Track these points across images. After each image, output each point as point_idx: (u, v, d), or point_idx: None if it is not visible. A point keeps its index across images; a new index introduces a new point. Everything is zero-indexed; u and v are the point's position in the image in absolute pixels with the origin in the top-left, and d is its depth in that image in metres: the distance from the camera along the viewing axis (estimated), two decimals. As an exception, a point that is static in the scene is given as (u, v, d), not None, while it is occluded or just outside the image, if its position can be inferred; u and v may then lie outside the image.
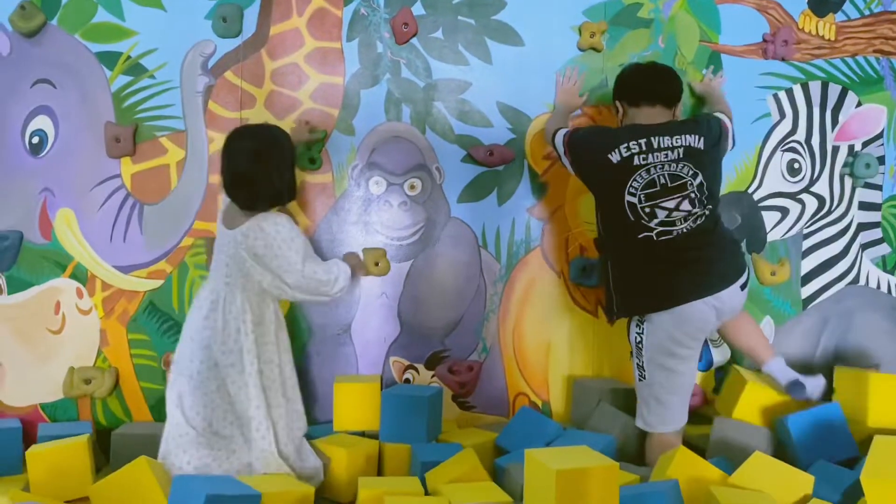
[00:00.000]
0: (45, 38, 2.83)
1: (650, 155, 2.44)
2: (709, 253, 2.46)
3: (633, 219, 2.45)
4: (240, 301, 2.44)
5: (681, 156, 2.44)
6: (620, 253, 2.57)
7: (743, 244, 3.03)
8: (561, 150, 2.62)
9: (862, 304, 3.13)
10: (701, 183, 2.45)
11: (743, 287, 2.53)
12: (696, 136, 2.48)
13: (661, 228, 2.44)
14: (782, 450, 2.52)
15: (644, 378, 2.51)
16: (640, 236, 2.46)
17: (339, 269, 2.58)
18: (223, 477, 2.24)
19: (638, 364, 2.53)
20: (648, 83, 2.60)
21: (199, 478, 2.20)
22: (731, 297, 2.48)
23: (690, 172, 2.44)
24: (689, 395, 2.55)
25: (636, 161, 2.44)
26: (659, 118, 2.55)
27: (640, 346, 2.50)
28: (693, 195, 2.44)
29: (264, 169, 2.45)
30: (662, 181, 2.43)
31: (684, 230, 2.44)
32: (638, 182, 2.44)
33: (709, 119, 2.61)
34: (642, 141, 2.45)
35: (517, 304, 2.98)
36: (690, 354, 2.48)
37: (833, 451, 2.45)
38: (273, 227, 2.42)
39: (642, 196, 2.44)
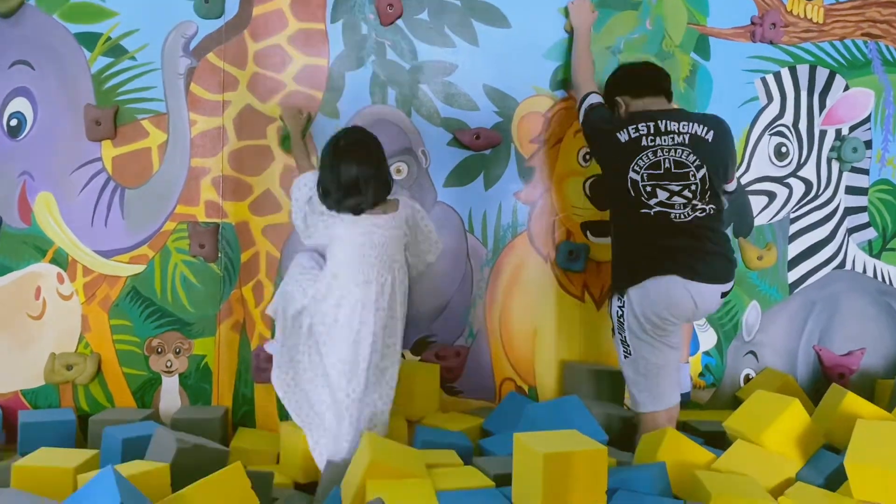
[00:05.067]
0: (23, 19, 2.78)
1: (658, 138, 2.45)
2: (703, 246, 2.42)
3: (633, 195, 2.45)
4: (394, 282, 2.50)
5: (686, 142, 2.43)
6: (620, 229, 2.57)
7: (730, 228, 3.04)
8: (581, 118, 2.66)
9: (848, 288, 3.14)
10: (704, 177, 2.42)
11: (723, 295, 2.48)
12: (705, 128, 2.46)
13: (659, 209, 2.42)
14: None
15: (630, 354, 2.50)
16: (640, 211, 2.45)
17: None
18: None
19: (621, 339, 2.51)
20: (649, 74, 2.63)
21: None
22: (711, 297, 2.44)
23: (695, 163, 2.42)
24: (676, 373, 2.53)
25: (644, 142, 2.45)
26: (664, 106, 2.56)
27: (621, 320, 2.49)
28: (695, 187, 2.42)
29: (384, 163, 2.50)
30: (667, 165, 2.43)
31: (682, 216, 2.41)
32: (644, 161, 2.44)
33: (725, 128, 2.53)
34: (651, 124, 2.46)
35: (504, 289, 2.96)
36: (672, 331, 2.46)
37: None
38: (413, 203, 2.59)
39: (645, 175, 2.44)
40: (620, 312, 2.49)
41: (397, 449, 2.19)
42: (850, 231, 3.14)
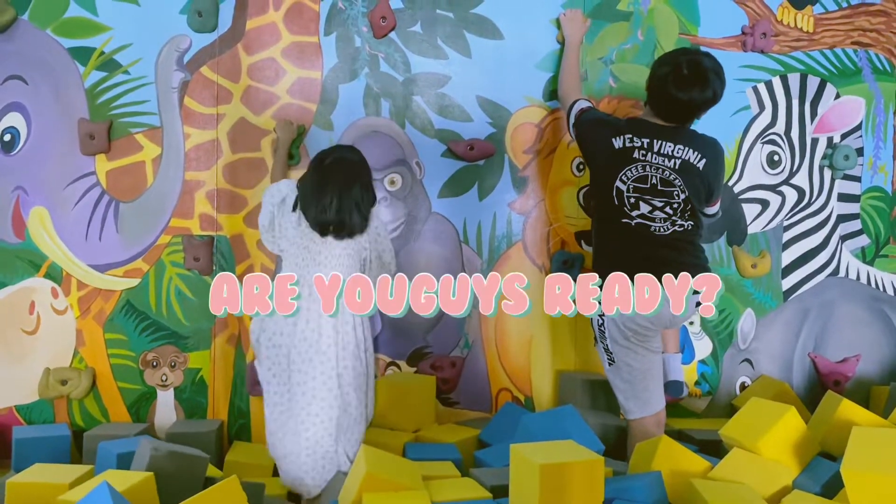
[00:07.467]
0: (16, 34, 2.78)
1: (650, 154, 2.44)
2: (682, 258, 2.45)
3: (617, 203, 2.46)
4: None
5: (676, 167, 2.41)
6: (601, 235, 2.58)
7: (723, 237, 3.05)
8: (571, 121, 2.63)
9: (842, 295, 3.15)
10: (687, 199, 2.43)
11: (698, 304, 2.50)
12: (698, 154, 2.42)
13: (640, 220, 2.44)
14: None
15: (613, 362, 2.51)
16: (621, 221, 2.46)
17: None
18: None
19: (604, 348, 2.53)
20: (680, 107, 2.41)
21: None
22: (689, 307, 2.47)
23: (681, 185, 2.42)
24: (660, 377, 2.55)
25: (636, 154, 2.45)
26: (668, 123, 2.46)
27: (602, 328, 2.51)
28: (677, 205, 2.44)
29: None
30: (654, 181, 2.43)
31: (662, 229, 2.44)
32: (632, 173, 2.44)
33: (717, 152, 2.49)
34: (645, 140, 2.44)
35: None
36: (653, 336, 2.48)
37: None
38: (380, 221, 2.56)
39: (631, 186, 2.44)
40: (601, 321, 2.50)
41: (394, 461, 2.19)
42: (844, 238, 3.16)
